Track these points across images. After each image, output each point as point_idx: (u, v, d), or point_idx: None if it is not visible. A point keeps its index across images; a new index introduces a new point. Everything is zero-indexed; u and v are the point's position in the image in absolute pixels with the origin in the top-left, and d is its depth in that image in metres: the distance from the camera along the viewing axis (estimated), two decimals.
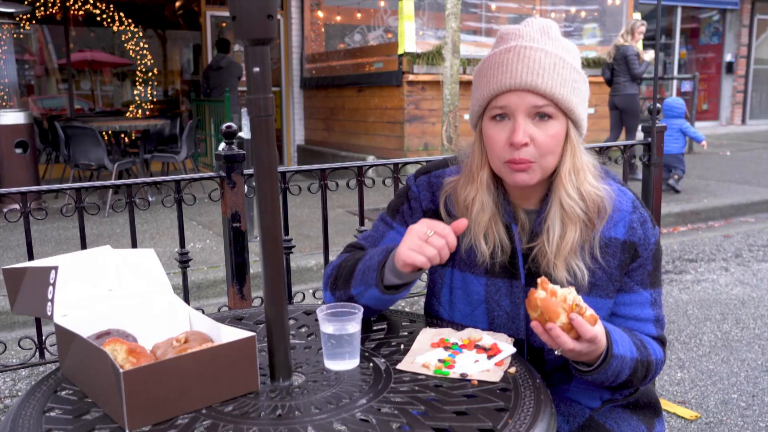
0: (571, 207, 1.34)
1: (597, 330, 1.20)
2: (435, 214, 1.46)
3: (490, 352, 1.30)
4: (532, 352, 1.43)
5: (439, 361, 1.27)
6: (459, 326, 1.44)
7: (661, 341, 1.45)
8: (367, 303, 1.40)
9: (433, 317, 1.55)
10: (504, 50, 1.32)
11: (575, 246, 1.35)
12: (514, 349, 1.30)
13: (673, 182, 7.34)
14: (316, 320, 1.34)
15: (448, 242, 1.28)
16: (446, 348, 1.32)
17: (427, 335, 1.38)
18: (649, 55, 7.70)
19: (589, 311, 1.21)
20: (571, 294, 1.20)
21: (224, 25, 10.99)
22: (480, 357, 1.28)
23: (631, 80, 7.68)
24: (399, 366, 1.27)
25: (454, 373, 1.23)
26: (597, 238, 1.36)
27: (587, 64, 9.35)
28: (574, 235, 1.34)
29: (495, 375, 1.22)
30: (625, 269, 1.39)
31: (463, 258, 1.43)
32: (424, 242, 1.27)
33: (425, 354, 1.30)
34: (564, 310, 1.19)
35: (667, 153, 7.35)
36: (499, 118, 1.33)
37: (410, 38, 8.16)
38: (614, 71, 7.81)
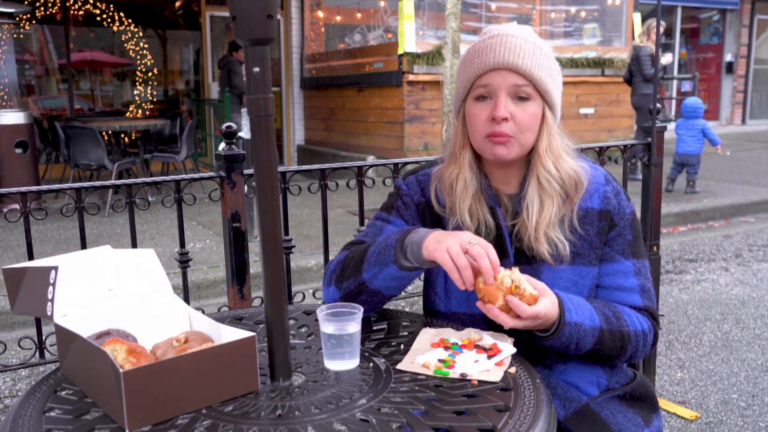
0: (548, 181, 1.43)
1: (538, 308, 1.28)
2: (427, 206, 1.54)
3: (490, 352, 1.30)
4: (528, 331, 1.44)
5: (439, 361, 1.27)
6: (459, 326, 1.44)
7: (649, 312, 1.49)
8: (380, 285, 1.41)
9: (430, 310, 1.56)
10: (487, 38, 1.44)
11: (554, 219, 1.43)
12: (514, 349, 1.31)
13: (690, 189, 7.41)
14: (316, 320, 1.34)
15: (489, 255, 1.27)
16: (446, 348, 1.32)
17: (427, 335, 1.39)
18: (665, 58, 7.81)
19: (529, 291, 1.28)
20: (509, 276, 1.27)
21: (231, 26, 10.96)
22: (480, 357, 1.28)
23: (644, 80, 7.81)
24: (399, 366, 1.27)
25: (454, 373, 1.23)
26: (575, 210, 1.45)
27: (587, 64, 9.35)
28: (552, 209, 1.43)
29: (495, 375, 1.22)
30: (604, 237, 1.47)
31: None
32: (462, 252, 1.27)
33: (425, 354, 1.30)
34: (502, 292, 1.26)
35: (688, 153, 7.44)
36: (481, 98, 1.43)
37: (410, 38, 8.16)
38: (632, 71, 7.99)
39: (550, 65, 1.43)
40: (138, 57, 11.36)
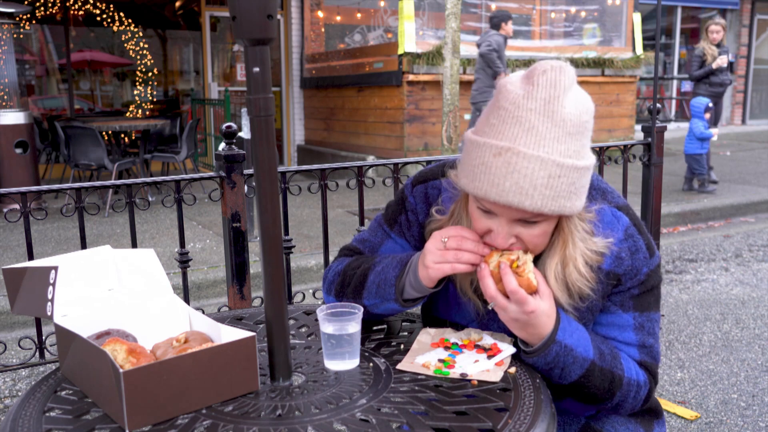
0: (561, 281, 1.29)
1: (528, 296, 1.19)
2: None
3: (490, 352, 1.30)
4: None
5: (439, 361, 1.27)
6: (459, 326, 1.44)
7: (647, 368, 1.36)
8: (382, 312, 1.42)
9: (429, 317, 1.55)
10: (495, 151, 1.16)
11: (562, 301, 1.30)
12: (514, 349, 1.30)
13: (697, 187, 7.39)
14: (316, 320, 1.34)
15: (465, 236, 1.25)
16: (446, 348, 1.32)
17: (427, 335, 1.38)
18: (721, 59, 7.38)
19: (529, 276, 1.19)
20: (517, 254, 1.22)
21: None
22: (480, 357, 1.28)
23: (695, 81, 7.64)
24: (399, 366, 1.27)
25: (454, 373, 1.23)
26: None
27: (587, 64, 9.34)
28: (562, 299, 1.29)
29: (495, 375, 1.22)
30: (607, 294, 1.34)
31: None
32: (443, 251, 1.26)
33: (425, 354, 1.30)
34: (498, 257, 1.23)
35: (686, 153, 7.42)
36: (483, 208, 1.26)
37: (410, 38, 8.16)
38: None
39: (572, 181, 1.16)
40: (138, 57, 11.36)
